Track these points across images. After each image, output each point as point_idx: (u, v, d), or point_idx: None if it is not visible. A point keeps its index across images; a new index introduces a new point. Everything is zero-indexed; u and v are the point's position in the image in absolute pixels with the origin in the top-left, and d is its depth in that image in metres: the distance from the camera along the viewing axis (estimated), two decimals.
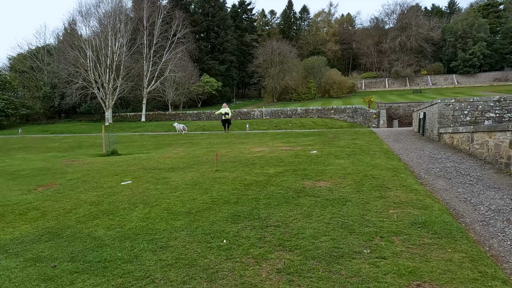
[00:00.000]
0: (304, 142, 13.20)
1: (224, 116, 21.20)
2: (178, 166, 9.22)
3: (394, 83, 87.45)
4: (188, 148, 14.11)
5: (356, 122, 31.14)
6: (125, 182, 7.45)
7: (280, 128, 26.83)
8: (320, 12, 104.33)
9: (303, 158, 9.30)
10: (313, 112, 32.23)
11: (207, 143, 15.54)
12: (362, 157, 9.00)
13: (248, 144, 13.87)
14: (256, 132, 19.08)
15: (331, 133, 16.26)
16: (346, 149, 10.58)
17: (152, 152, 13.30)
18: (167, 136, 19.20)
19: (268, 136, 16.58)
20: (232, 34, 68.36)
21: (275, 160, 9.25)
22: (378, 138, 13.41)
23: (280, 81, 61.27)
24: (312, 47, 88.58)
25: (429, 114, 12.98)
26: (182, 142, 16.39)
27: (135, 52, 36.82)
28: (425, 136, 13.51)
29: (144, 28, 35.55)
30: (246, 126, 26.12)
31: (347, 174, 6.99)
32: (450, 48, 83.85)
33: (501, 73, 79.59)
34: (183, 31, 37.41)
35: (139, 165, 9.83)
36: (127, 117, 38.68)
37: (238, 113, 34.06)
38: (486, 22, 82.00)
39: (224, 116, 21.20)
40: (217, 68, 61.64)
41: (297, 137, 15.57)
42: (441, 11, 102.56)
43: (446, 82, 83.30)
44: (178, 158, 11.02)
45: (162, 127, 28.25)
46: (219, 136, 17.93)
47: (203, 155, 11.36)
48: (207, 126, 27.05)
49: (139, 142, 17.56)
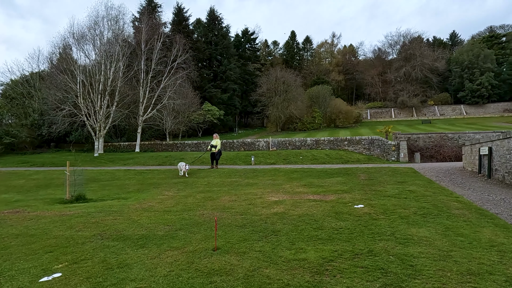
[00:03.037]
0: (334, 186, 9.89)
1: (210, 149, 17.49)
2: (156, 232, 5.87)
3: (401, 113, 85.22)
4: (179, 191, 10.77)
5: (373, 155, 27.92)
6: (48, 278, 4.09)
7: (290, 161, 23.55)
8: (323, 42, 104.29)
9: (351, 220, 5.97)
10: (325, 143, 29.09)
11: (204, 183, 12.22)
12: (448, 221, 5.66)
13: (259, 187, 10.55)
14: (265, 168, 15.76)
15: (360, 171, 12.96)
16: (406, 202, 7.26)
17: (131, 198, 9.96)
18: (157, 173, 15.90)
19: (281, 175, 13.26)
20: (235, 62, 66.83)
21: (308, 223, 5.92)
22: (433, 181, 10.11)
23: (284, 110, 58.77)
24: (316, 77, 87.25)
25: (500, 151, 9.74)
26: (174, 181, 13.07)
27: (131, 78, 34.32)
28: (494, 179, 10.19)
29: (142, 53, 33.24)
30: (251, 159, 22.86)
31: (467, 274, 3.63)
32: (457, 78, 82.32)
33: (511, 103, 77.40)
34: (183, 56, 35.10)
35: (99, 226, 6.49)
36: (120, 147, 35.58)
37: (242, 143, 30.93)
38: (492, 53, 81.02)
39: (210, 149, 17.49)
40: (219, 97, 59.40)
41: (319, 176, 12.26)
42: (443, 43, 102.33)
43: (454, 113, 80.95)
44: (161, 211, 7.69)
45: (156, 159, 25.00)
46: (220, 174, 14.61)
47: (198, 206, 8.04)
48: (207, 158, 23.77)
49: (121, 180, 14.23)
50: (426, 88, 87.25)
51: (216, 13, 66.06)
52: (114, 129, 39.83)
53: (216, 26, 66.14)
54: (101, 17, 31.55)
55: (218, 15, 66.17)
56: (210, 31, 65.52)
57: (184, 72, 35.98)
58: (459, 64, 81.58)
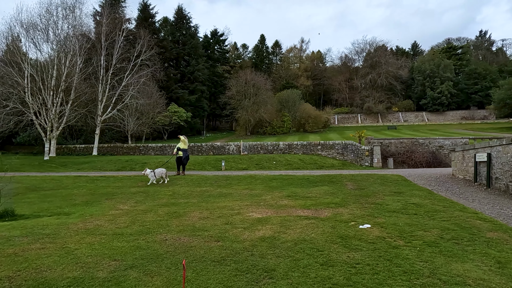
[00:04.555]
0: (323, 198, 8.47)
1: (177, 152, 15.20)
2: (95, 273, 4.07)
3: (367, 118, 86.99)
4: (138, 204, 8.87)
5: (346, 160, 27.17)
6: None
7: (263, 166, 22.07)
8: (292, 47, 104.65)
9: (366, 249, 4.51)
10: (298, 148, 27.95)
11: (169, 193, 10.36)
12: (493, 251, 4.35)
13: (235, 199, 8.91)
14: (239, 175, 14.09)
15: (345, 179, 11.68)
16: (419, 220, 5.96)
17: (75, 214, 7.93)
18: (113, 180, 13.72)
19: (259, 183, 11.67)
20: (203, 63, 64.63)
21: (310, 254, 4.40)
22: (433, 192, 8.99)
23: (254, 114, 57.42)
24: (285, 81, 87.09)
25: (503, 157, 8.81)
26: (133, 191, 11.06)
27: (90, 74, 31.37)
28: (494, 189, 9.25)
29: (102, 47, 30.43)
30: (221, 164, 21.11)
31: None
32: (419, 86, 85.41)
33: (468, 111, 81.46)
34: (148, 52, 32.64)
35: (15, 262, 4.57)
36: (76, 149, 32.35)
37: (211, 147, 29.06)
38: (451, 63, 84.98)
39: (177, 152, 15.20)
40: (187, 98, 56.93)
41: (302, 185, 10.81)
42: (406, 52, 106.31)
43: (417, 119, 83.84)
44: (110, 235, 5.83)
45: (115, 164, 22.53)
46: (187, 181, 12.76)
47: (159, 227, 6.27)
48: (172, 163, 21.71)
49: (68, 189, 11.97)
50: (391, 95, 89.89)
51: (184, 12, 63.71)
52: (69, 130, 36.39)
53: (184, 25, 63.72)
54: (54, 5, 28.46)
55: (186, 14, 63.84)
56: (177, 30, 62.96)
57: (149, 69, 33.55)
58: (421, 73, 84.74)
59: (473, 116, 79.64)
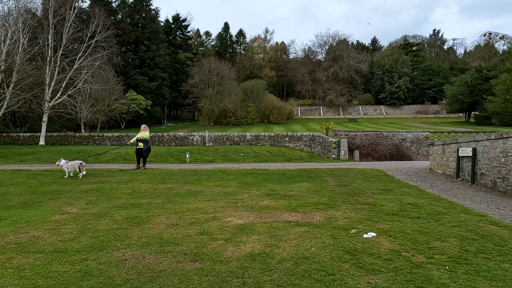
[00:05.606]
0: (307, 197, 7.56)
1: (137, 144, 13.73)
2: None
3: (329, 111, 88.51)
4: (89, 206, 7.40)
5: (314, 152, 26.79)
6: None
7: (230, 158, 20.93)
8: (256, 37, 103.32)
9: (386, 271, 3.62)
10: (265, 139, 27.07)
11: (127, 191, 8.93)
12: None
13: (207, 199, 7.73)
14: (208, 170, 12.83)
15: (324, 174, 10.89)
16: (427, 225, 5.22)
17: (6, 221, 6.33)
18: (60, 175, 11.83)
19: (231, 179, 10.52)
20: (164, 49, 61.46)
21: (319, 280, 3.43)
22: (421, 189, 8.42)
23: (218, 103, 55.72)
24: (249, 71, 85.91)
25: (490, 153, 8.42)
26: (84, 188, 9.46)
27: (36, 54, 28.06)
28: (480, 185, 8.90)
29: (50, 24, 27.19)
30: (186, 156, 19.66)
31: None
32: (379, 80, 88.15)
33: (422, 106, 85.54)
34: (104, 33, 29.77)
35: None
36: (20, 138, 29.02)
37: (173, 137, 27.29)
38: (408, 59, 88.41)
39: (137, 144, 13.73)
40: (146, 85, 53.84)
41: (280, 181, 9.84)
42: (366, 47, 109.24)
43: (376, 113, 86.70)
44: (49, 252, 4.48)
45: (65, 155, 20.18)
46: (149, 177, 11.31)
47: (116, 239, 4.99)
48: (131, 155, 19.89)
49: (4, 186, 10.03)
50: (352, 89, 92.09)
51: None
52: (11, 116, 32.63)
53: (144, 7, 59.99)
54: None
55: None
56: (136, 12, 59.17)
57: (104, 52, 30.73)
58: (380, 68, 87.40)
59: (427, 111, 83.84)
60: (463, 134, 28.76)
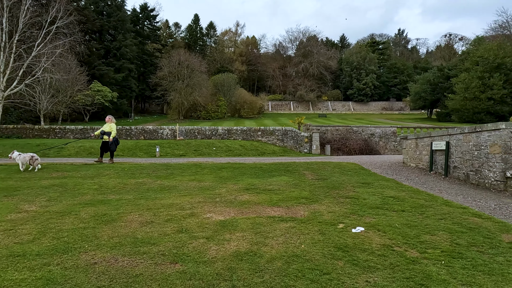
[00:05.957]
0: (288, 191, 7.32)
1: (102, 136, 12.95)
2: None
3: (299, 106, 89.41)
4: (51, 203, 6.73)
5: (286, 146, 26.79)
6: None
7: (202, 153, 20.38)
8: (227, 30, 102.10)
9: (382, 268, 3.45)
10: (237, 133, 26.68)
11: (94, 187, 8.26)
12: None
13: (182, 194, 7.29)
14: (181, 164, 12.28)
15: (301, 168, 10.73)
16: (413, 218, 5.14)
17: None
18: (16, 170, 10.85)
19: (206, 173, 10.08)
20: (131, 39, 59.03)
21: (315, 281, 3.19)
22: (399, 182, 8.45)
23: (188, 97, 54.43)
24: (220, 65, 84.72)
25: (463, 146, 8.61)
26: (44, 183, 8.65)
27: None
28: (453, 178, 9.09)
29: (3, 7, 25.02)
30: (156, 150, 18.87)
31: None
32: (347, 77, 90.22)
33: (388, 103, 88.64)
34: (66, 19, 27.90)
35: None
36: None
37: (142, 131, 26.21)
38: (375, 57, 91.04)
39: (102, 136, 12.95)
40: (112, 76, 51.49)
41: (257, 175, 9.54)
42: (335, 44, 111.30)
43: (344, 108, 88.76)
44: (3, 257, 3.90)
45: (23, 149, 18.65)
46: (117, 171, 10.61)
47: (83, 239, 4.49)
48: (96, 148, 18.78)
49: None
50: (321, 84, 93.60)
51: None
52: None
53: None
54: None
55: None
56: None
57: (66, 39, 28.83)
58: (349, 64, 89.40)
59: (392, 107, 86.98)
60: (427, 129, 29.95)
